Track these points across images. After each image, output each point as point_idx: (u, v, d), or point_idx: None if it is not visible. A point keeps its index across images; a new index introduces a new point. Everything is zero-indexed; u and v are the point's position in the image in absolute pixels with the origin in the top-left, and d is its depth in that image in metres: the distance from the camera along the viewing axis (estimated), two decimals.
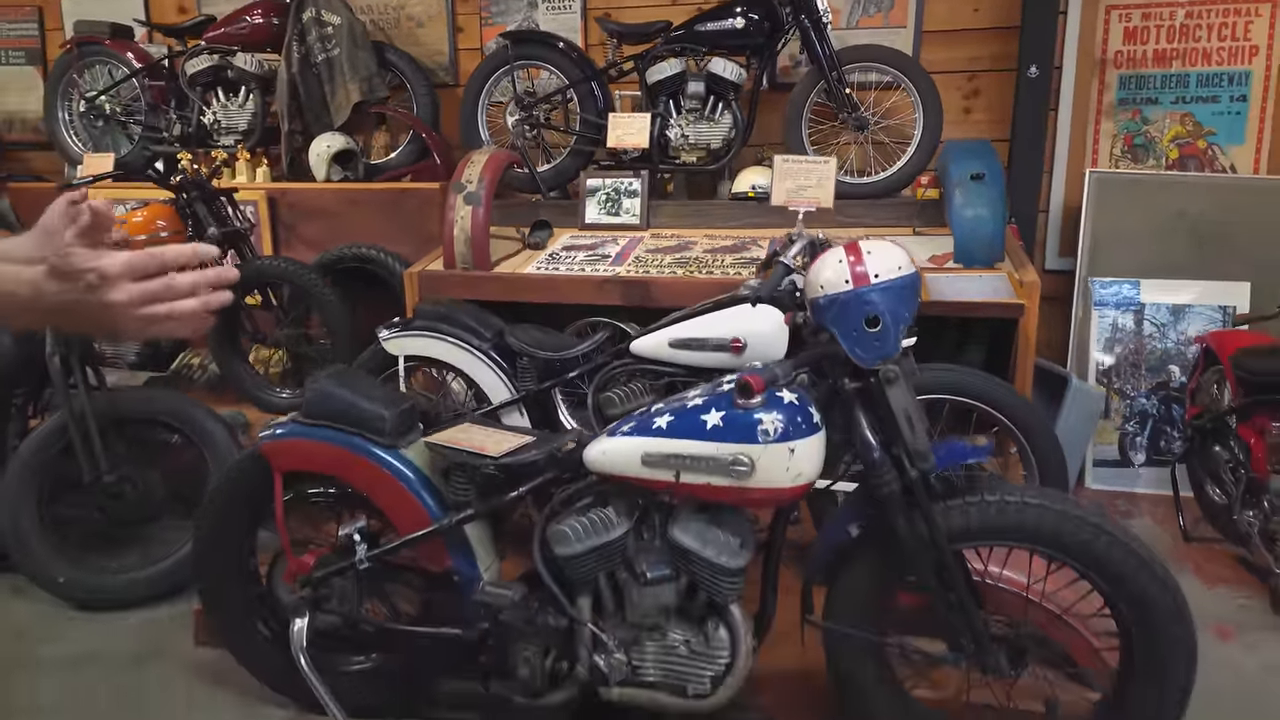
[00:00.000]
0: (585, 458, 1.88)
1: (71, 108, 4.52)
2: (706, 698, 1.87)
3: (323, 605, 2.06)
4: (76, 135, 4.56)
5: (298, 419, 2.04)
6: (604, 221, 3.72)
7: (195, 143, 4.26)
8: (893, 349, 1.70)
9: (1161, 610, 1.70)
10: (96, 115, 4.40)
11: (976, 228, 2.97)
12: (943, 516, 1.77)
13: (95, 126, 4.48)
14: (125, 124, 4.39)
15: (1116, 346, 3.61)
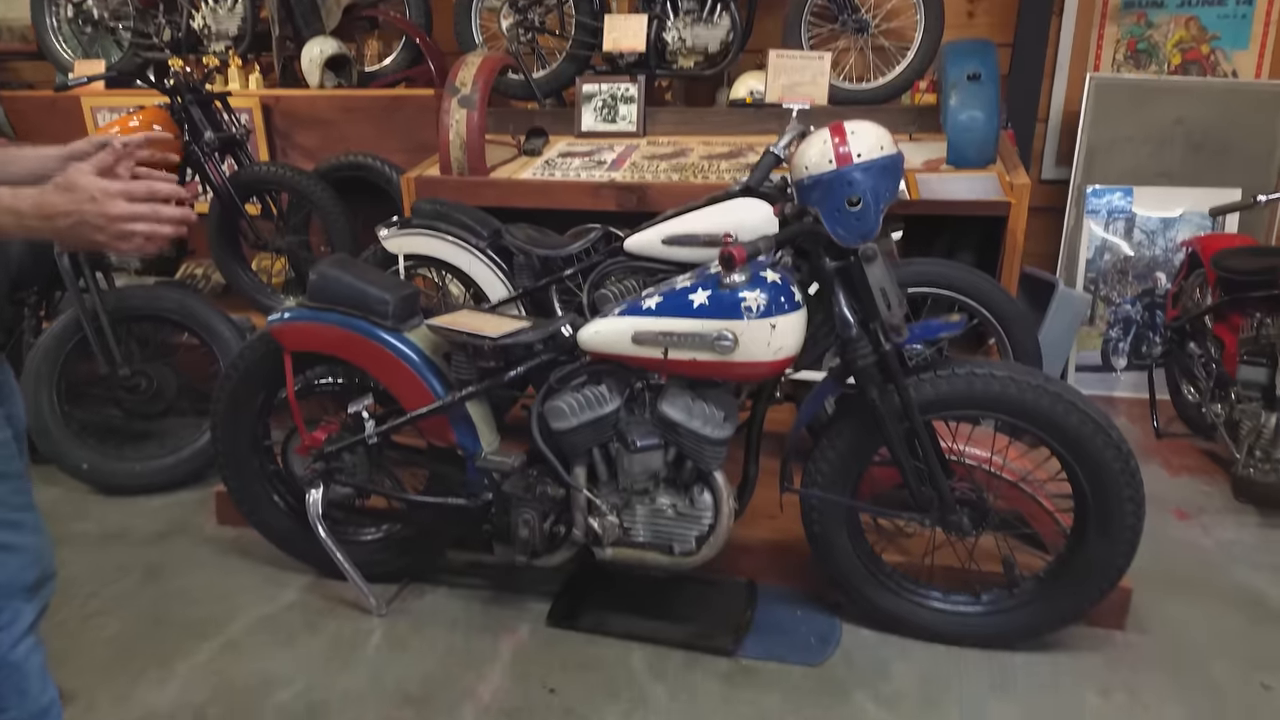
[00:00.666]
0: (579, 339, 1.99)
1: (59, 14, 4.49)
2: (691, 555, 2.02)
3: (335, 478, 2.20)
4: (65, 42, 4.53)
5: (304, 303, 2.14)
6: (600, 129, 3.75)
7: (185, 49, 4.25)
8: (872, 228, 1.79)
9: (1113, 471, 1.83)
10: (85, 21, 4.37)
11: (970, 128, 3.01)
12: (915, 388, 1.89)
13: (84, 33, 4.46)
14: (114, 30, 4.36)
15: (1106, 254, 3.69)
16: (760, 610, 2.19)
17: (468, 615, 2.21)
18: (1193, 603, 2.25)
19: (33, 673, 1.42)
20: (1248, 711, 1.87)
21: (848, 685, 1.95)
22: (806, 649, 2.06)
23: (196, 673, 2.00)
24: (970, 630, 2.05)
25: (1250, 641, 2.10)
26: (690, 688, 1.94)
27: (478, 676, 1.98)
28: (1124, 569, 1.91)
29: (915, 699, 1.91)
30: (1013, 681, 1.95)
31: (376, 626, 2.17)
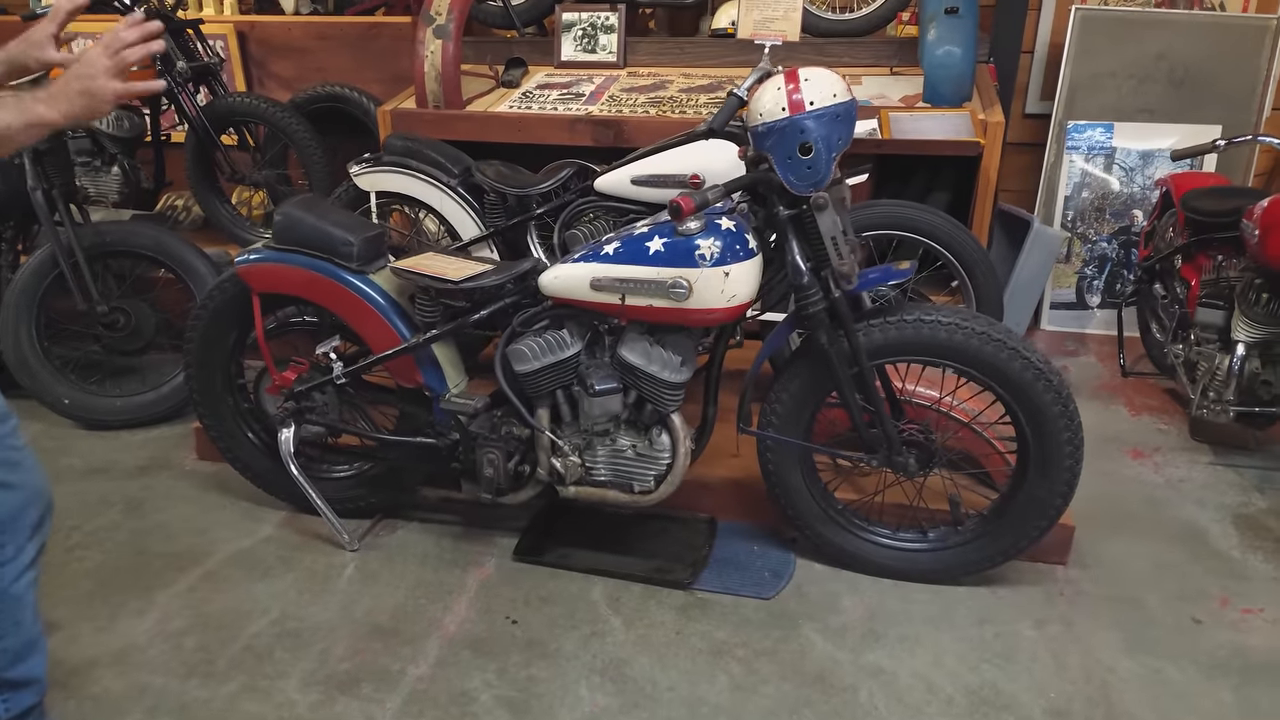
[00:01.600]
0: (540, 283, 2.02)
1: None
2: (650, 494, 2.09)
3: (306, 417, 2.25)
4: None
5: (269, 244, 2.16)
6: (580, 59, 3.68)
7: None
8: (824, 177, 1.80)
9: (1053, 415, 1.89)
10: None
11: (946, 64, 2.97)
12: (865, 334, 1.93)
13: None
14: None
15: (1084, 191, 3.68)
16: (719, 546, 2.28)
17: (438, 550, 2.30)
18: (1136, 539, 2.33)
19: (29, 605, 1.51)
20: (1176, 643, 1.97)
21: (797, 618, 2.05)
22: (760, 583, 2.15)
23: (175, 603, 2.09)
24: (917, 566, 2.14)
25: (1187, 577, 2.19)
26: (646, 619, 2.04)
27: (444, 609, 2.08)
28: (1062, 508, 1.99)
29: (860, 632, 2.00)
30: (953, 614, 2.05)
31: (349, 560, 2.26)
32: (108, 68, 1.36)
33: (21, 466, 1.45)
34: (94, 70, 1.36)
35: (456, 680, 1.86)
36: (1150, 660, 1.92)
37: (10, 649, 1.49)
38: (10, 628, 1.48)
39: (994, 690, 1.84)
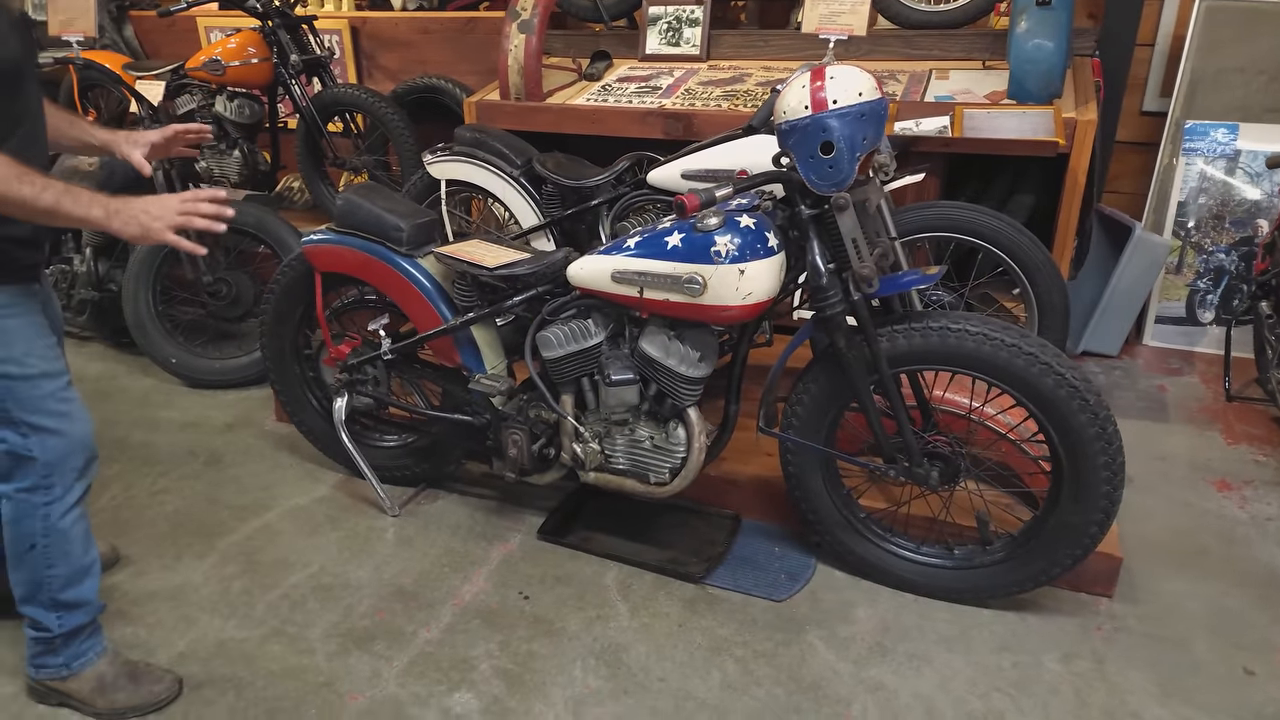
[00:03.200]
0: (568, 274, 2.07)
1: None
2: (665, 485, 2.11)
3: (358, 388, 2.41)
4: None
5: (331, 227, 2.31)
6: (664, 52, 3.71)
7: None
8: (846, 177, 1.75)
9: (1088, 438, 1.77)
10: None
11: (1035, 58, 2.80)
12: (888, 339, 1.87)
13: None
14: None
15: (1201, 197, 3.38)
16: (739, 543, 2.27)
17: (470, 522, 2.40)
18: (1200, 577, 2.15)
19: (77, 538, 1.71)
20: (1219, 694, 1.81)
21: (805, 624, 2.02)
22: (774, 585, 2.13)
23: (232, 550, 2.29)
24: (940, 583, 2.06)
25: (1248, 623, 2.01)
26: (652, 608, 2.07)
27: (464, 579, 2.18)
28: (1098, 537, 1.86)
29: (867, 644, 1.96)
30: (972, 637, 1.97)
31: (389, 525, 2.40)
32: (172, 222, 1.52)
33: (70, 417, 1.64)
34: (162, 214, 1.52)
35: (462, 647, 1.95)
36: (1184, 710, 1.78)
37: (61, 575, 1.70)
38: (60, 558, 1.68)
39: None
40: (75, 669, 1.76)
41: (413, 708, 1.80)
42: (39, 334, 1.62)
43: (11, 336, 1.57)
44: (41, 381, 1.60)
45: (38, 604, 1.72)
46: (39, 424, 1.60)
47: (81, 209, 1.48)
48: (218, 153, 3.86)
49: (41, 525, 1.65)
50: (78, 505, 1.69)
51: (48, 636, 1.74)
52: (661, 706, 1.79)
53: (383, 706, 1.80)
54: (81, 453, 1.67)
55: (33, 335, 1.60)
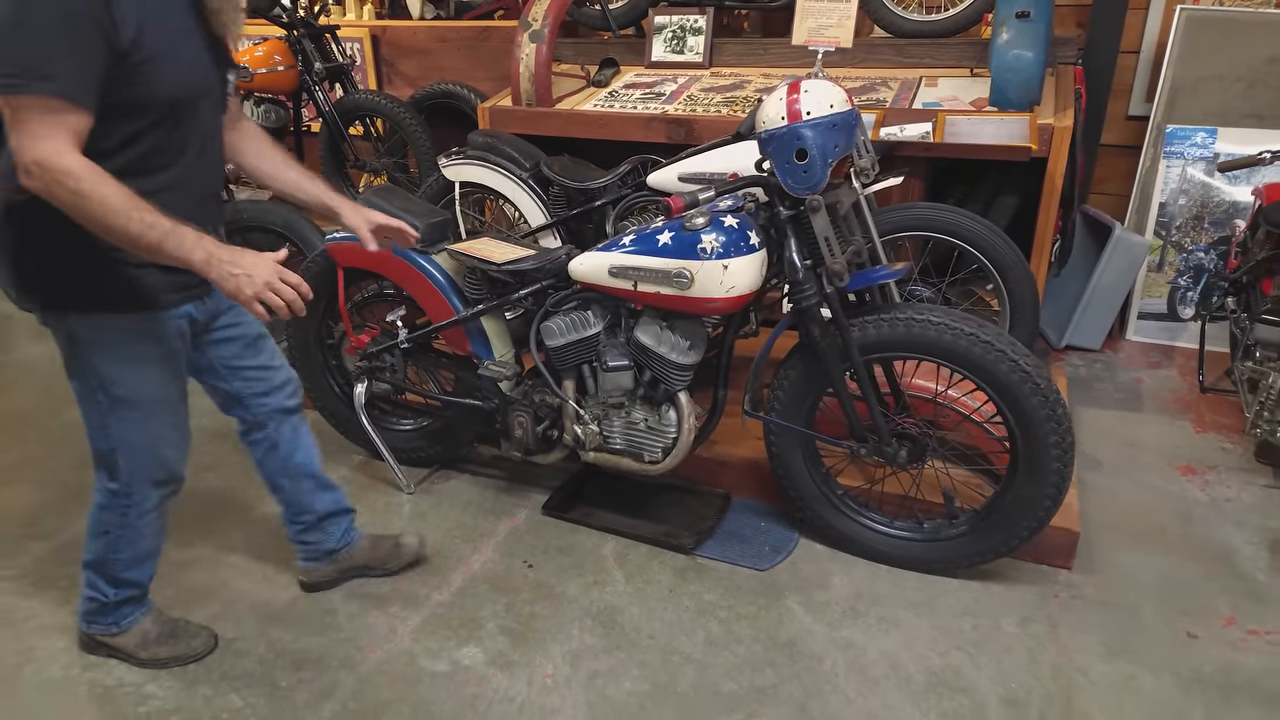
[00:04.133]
0: (569, 269, 2.26)
1: None
2: (657, 463, 2.29)
3: (376, 375, 2.61)
4: None
5: None
6: (669, 59, 3.89)
7: None
8: (818, 181, 1.93)
9: (1040, 419, 1.94)
10: None
11: (1015, 68, 2.95)
12: (859, 329, 2.05)
13: None
14: None
15: (1182, 198, 3.52)
16: (729, 519, 2.46)
17: (480, 499, 2.60)
18: (1156, 552, 2.31)
19: (147, 535, 1.90)
20: (1162, 654, 1.97)
21: (785, 590, 2.20)
22: (758, 555, 2.31)
23: (263, 523, 2.50)
24: (910, 554, 2.23)
25: (1196, 593, 2.17)
26: (646, 576, 2.25)
27: (474, 549, 2.37)
28: (1051, 509, 2.03)
29: (841, 609, 2.13)
30: (938, 603, 2.14)
31: (405, 502, 2.60)
32: (259, 292, 1.51)
33: (163, 441, 1.78)
34: (255, 276, 1.51)
35: (470, 609, 2.15)
36: (1127, 667, 1.94)
37: (125, 559, 1.90)
38: (127, 546, 1.88)
39: (955, 674, 1.93)
40: (124, 627, 1.96)
41: (425, 660, 1.99)
42: (155, 363, 1.69)
43: (126, 360, 1.66)
44: (144, 406, 1.71)
45: (99, 574, 1.92)
46: (131, 442, 1.73)
47: (184, 251, 1.47)
48: None
49: (119, 519, 1.83)
50: (153, 511, 1.85)
51: (101, 601, 1.94)
52: (650, 660, 1.98)
53: (398, 659, 2.00)
54: (161, 473, 1.80)
55: (147, 363, 1.68)
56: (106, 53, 1.42)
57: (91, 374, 1.67)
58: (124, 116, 1.49)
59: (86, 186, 1.41)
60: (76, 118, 1.41)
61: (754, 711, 1.84)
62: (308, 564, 2.19)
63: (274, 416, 1.97)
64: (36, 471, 2.79)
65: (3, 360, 3.68)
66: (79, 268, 1.58)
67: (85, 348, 1.65)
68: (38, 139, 1.39)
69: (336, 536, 2.17)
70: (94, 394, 1.69)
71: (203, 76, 1.60)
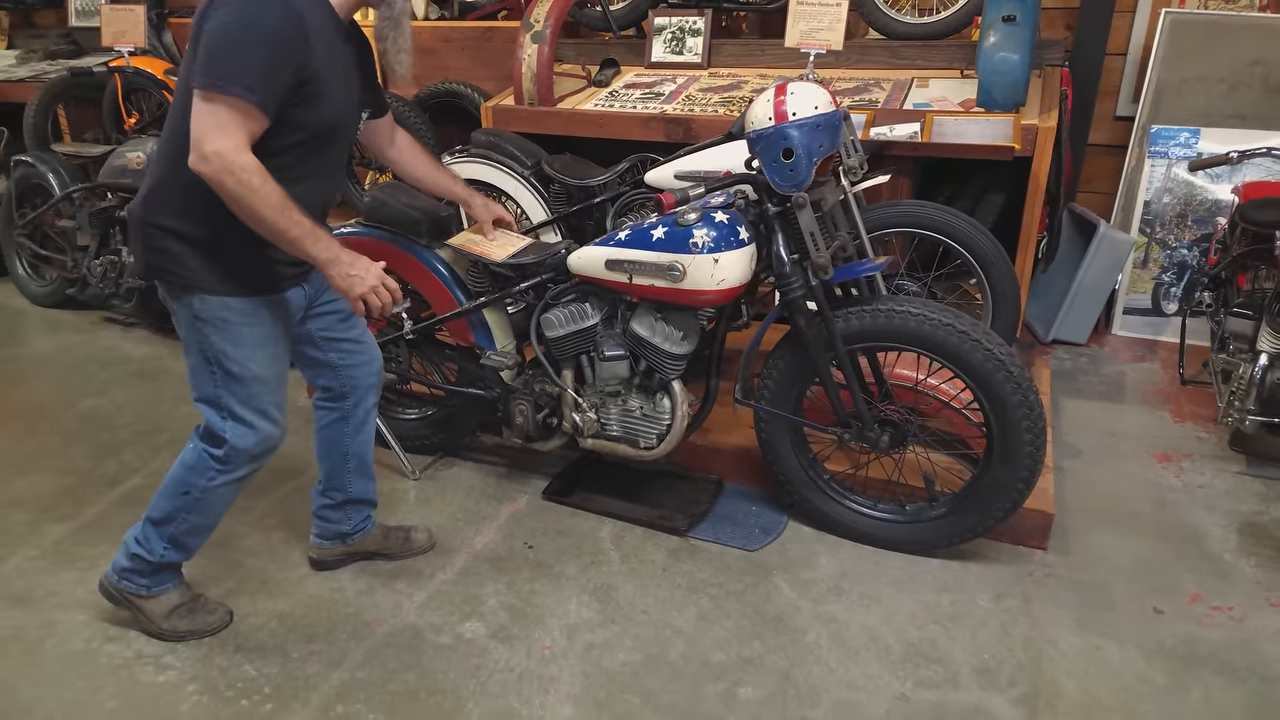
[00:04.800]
0: (568, 263, 2.37)
1: None
2: (653, 449, 2.40)
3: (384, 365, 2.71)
4: None
5: (360, 221, 2.62)
6: (668, 60, 3.99)
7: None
8: (804, 179, 2.03)
9: (1013, 405, 2.05)
10: None
11: (1001, 70, 3.05)
12: (843, 320, 2.16)
13: None
14: None
15: (1166, 196, 3.62)
16: (721, 503, 2.56)
17: (483, 485, 2.71)
18: (1128, 535, 2.42)
19: (223, 503, 2.00)
20: (1128, 628, 2.08)
21: (773, 569, 2.30)
22: (748, 537, 2.42)
23: (271, 506, 2.61)
24: (893, 535, 2.33)
25: (1164, 572, 2.27)
26: (641, 556, 2.36)
27: (476, 531, 2.48)
28: (1025, 492, 2.14)
29: (826, 586, 2.24)
30: (918, 581, 2.24)
31: (411, 487, 2.71)
32: (366, 290, 1.76)
33: (266, 418, 1.90)
34: (366, 279, 1.76)
35: (473, 586, 2.26)
36: (1095, 639, 2.05)
37: (193, 523, 1.99)
38: (203, 511, 1.97)
39: (931, 646, 2.03)
40: (154, 592, 2.07)
41: (429, 633, 2.10)
42: (265, 344, 1.85)
43: (243, 340, 1.82)
44: (253, 384, 1.85)
45: (158, 532, 1.98)
46: (240, 415, 1.87)
47: (318, 249, 1.71)
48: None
49: (205, 483, 1.92)
50: (240, 483, 1.96)
51: (145, 560, 2.02)
52: (643, 634, 2.09)
53: (403, 632, 2.11)
54: (262, 447, 1.92)
55: (259, 343, 1.84)
56: (293, 77, 1.65)
57: (210, 350, 1.82)
58: (279, 133, 1.70)
59: (256, 181, 1.62)
60: (257, 124, 1.64)
61: (740, 679, 1.95)
62: (320, 541, 2.30)
63: (358, 390, 2.14)
64: (53, 460, 2.89)
65: (17, 354, 3.80)
66: (208, 253, 1.76)
67: (207, 326, 1.80)
68: (225, 134, 1.60)
69: (355, 522, 2.30)
70: (210, 369, 1.83)
71: (346, 111, 1.83)
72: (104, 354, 3.74)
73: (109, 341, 3.88)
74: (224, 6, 1.61)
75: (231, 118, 1.60)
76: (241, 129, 1.61)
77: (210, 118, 1.60)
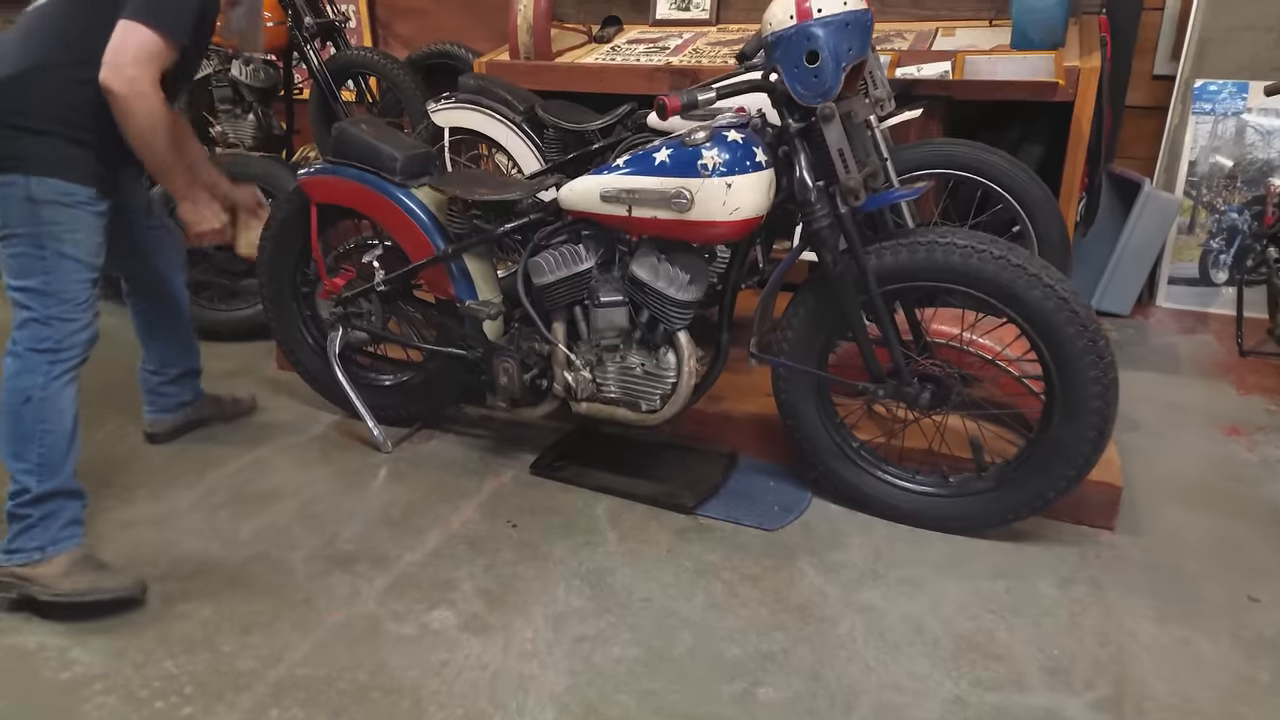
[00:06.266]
0: (559, 197, 2.07)
1: None
2: (655, 413, 2.09)
3: (353, 322, 2.41)
4: None
5: (328, 158, 2.32)
6: (674, 17, 3.71)
7: None
8: (831, 87, 1.73)
9: (1078, 351, 1.73)
10: None
11: (1036, 7, 2.77)
12: (875, 256, 1.84)
13: None
14: None
15: (1213, 156, 3.32)
16: (735, 479, 2.25)
17: (464, 459, 2.39)
18: (1204, 513, 2.10)
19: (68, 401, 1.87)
20: (1220, 618, 1.76)
21: (795, 551, 1.98)
22: (766, 515, 2.10)
23: (222, 482, 2.30)
24: (936, 512, 2.01)
25: (1252, 554, 1.95)
26: (641, 536, 2.04)
27: (453, 509, 2.16)
28: (1092, 456, 1.82)
29: (859, 570, 1.92)
30: (967, 565, 1.92)
31: (382, 462, 2.39)
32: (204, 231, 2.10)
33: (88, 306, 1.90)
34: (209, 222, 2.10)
35: (445, 570, 1.94)
36: (1181, 631, 1.72)
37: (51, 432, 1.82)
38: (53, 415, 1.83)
39: (988, 638, 1.71)
40: (49, 554, 1.78)
41: (390, 623, 1.78)
42: (97, 234, 1.90)
43: (79, 223, 1.86)
44: (81, 269, 1.86)
45: (24, 461, 1.80)
46: (72, 297, 1.85)
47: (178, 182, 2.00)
48: (232, 117, 3.89)
49: (41, 381, 1.82)
50: (72, 372, 1.87)
51: (27, 512, 1.78)
52: (643, 624, 1.77)
53: (359, 621, 1.79)
54: (89, 331, 1.90)
55: (93, 231, 1.89)
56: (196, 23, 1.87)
57: (42, 231, 1.82)
58: None
59: (161, 113, 1.82)
60: (168, 63, 1.82)
61: (759, 679, 1.63)
62: (158, 415, 2.44)
63: (170, 269, 2.32)
64: None
65: None
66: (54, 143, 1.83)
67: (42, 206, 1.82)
68: (150, 64, 1.78)
69: (192, 391, 2.48)
70: (40, 249, 1.82)
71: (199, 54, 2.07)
72: None
73: None
74: None
75: (160, 52, 1.78)
76: (158, 64, 1.79)
77: (138, 47, 1.76)
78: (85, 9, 1.81)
